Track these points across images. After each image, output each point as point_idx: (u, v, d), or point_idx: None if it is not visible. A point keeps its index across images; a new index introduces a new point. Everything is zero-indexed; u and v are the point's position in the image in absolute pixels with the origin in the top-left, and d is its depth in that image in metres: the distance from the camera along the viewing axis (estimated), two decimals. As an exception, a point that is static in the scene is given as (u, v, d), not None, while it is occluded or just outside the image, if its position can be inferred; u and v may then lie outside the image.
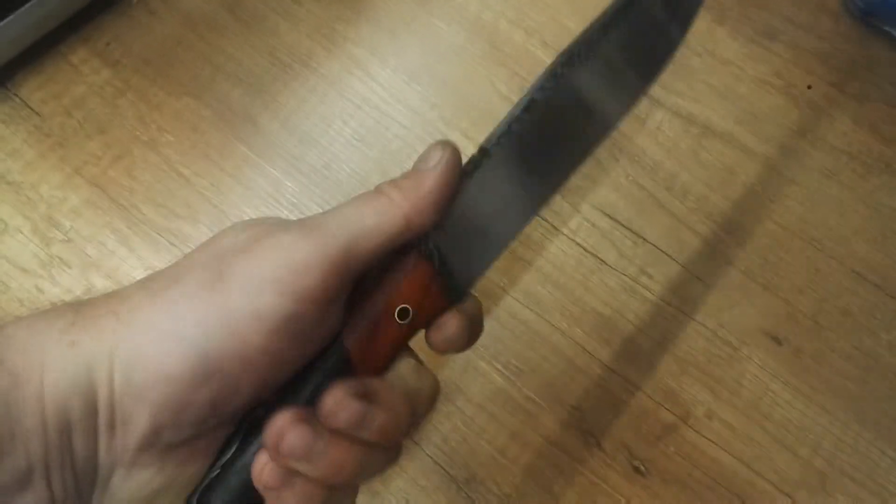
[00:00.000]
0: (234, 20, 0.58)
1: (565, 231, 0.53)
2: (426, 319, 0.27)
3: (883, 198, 0.56)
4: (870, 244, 0.54)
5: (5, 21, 0.51)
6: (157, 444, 0.24)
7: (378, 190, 0.27)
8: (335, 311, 0.26)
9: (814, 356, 0.51)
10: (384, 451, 0.26)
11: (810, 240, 0.54)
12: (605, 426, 0.48)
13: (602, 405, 0.49)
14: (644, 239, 0.53)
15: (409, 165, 0.58)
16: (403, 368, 0.27)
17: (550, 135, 0.28)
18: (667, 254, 0.53)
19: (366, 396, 0.24)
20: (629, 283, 0.52)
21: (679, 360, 0.50)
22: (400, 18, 0.60)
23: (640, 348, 0.50)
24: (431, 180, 0.26)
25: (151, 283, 0.25)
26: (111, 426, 0.24)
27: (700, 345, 0.51)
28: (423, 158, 0.27)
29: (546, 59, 0.59)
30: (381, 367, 0.27)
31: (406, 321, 0.27)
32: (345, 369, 0.26)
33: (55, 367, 0.23)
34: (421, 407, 0.27)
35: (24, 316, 0.24)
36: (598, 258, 0.53)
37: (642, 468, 0.48)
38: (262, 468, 0.24)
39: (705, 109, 0.58)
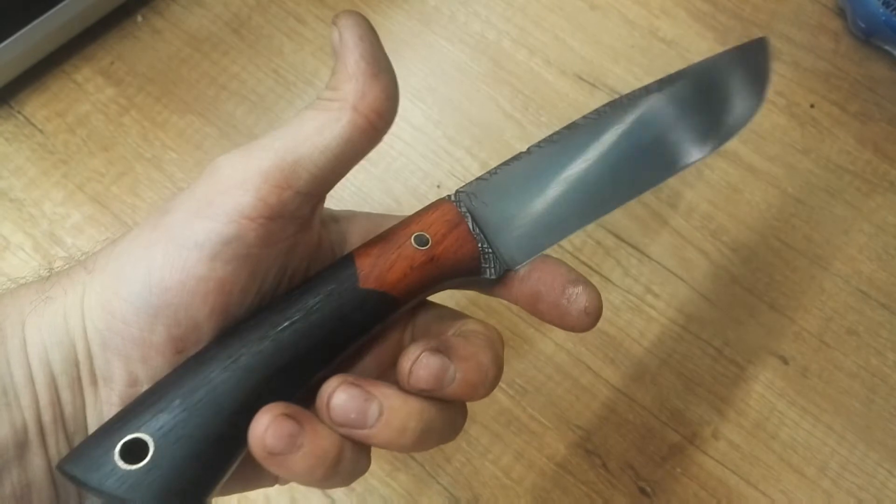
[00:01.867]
0: (238, 40, 0.59)
1: (569, 249, 0.53)
2: (449, 256, 0.26)
3: (887, 216, 0.56)
4: (875, 263, 0.54)
5: (9, 39, 0.51)
6: None
7: (317, 99, 0.25)
8: (287, 230, 0.25)
9: (820, 375, 0.51)
10: (457, 411, 0.26)
11: (815, 258, 0.54)
12: (610, 446, 0.48)
13: (607, 425, 0.49)
14: (649, 257, 0.53)
15: (412, 183, 0.58)
16: (471, 324, 0.27)
17: (608, 152, 0.29)
18: (672, 272, 0.53)
19: (441, 351, 0.24)
20: (634, 302, 0.52)
21: (685, 379, 0.50)
22: (403, 37, 0.60)
23: (646, 367, 0.50)
24: (352, 54, 0.24)
25: (119, 237, 0.25)
26: (93, 379, 0.24)
27: (706, 364, 0.50)
28: (334, 50, 0.25)
29: (549, 77, 0.59)
30: (397, 291, 0.25)
31: (424, 248, 0.26)
32: (351, 284, 0.25)
33: (34, 322, 0.23)
34: (500, 355, 0.26)
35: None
36: (603, 276, 0.52)
37: (648, 489, 0.47)
38: (265, 431, 0.22)
39: (708, 128, 0.58)
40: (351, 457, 0.23)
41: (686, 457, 0.48)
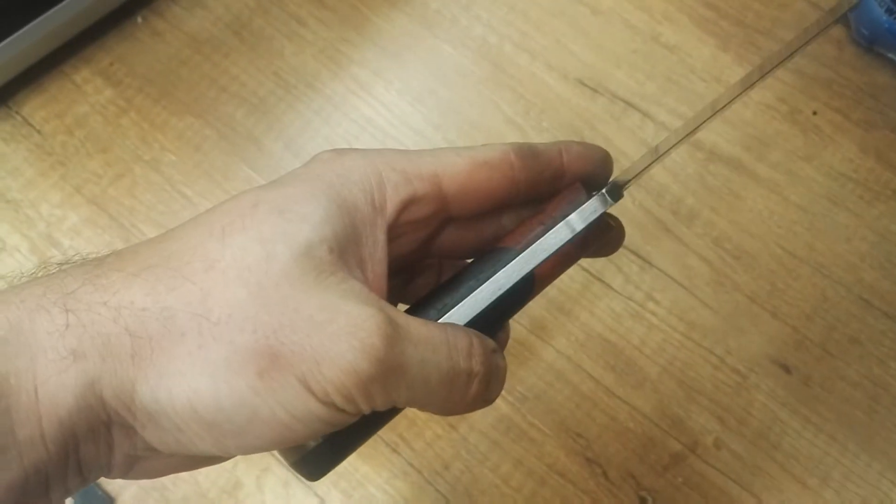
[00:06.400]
0: (239, 42, 0.58)
1: (570, 255, 0.53)
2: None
3: (890, 224, 0.55)
4: (877, 271, 0.54)
5: (8, 40, 0.51)
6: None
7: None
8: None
9: (822, 385, 0.50)
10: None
11: (818, 266, 0.54)
12: (610, 455, 0.48)
13: (608, 433, 0.48)
14: (650, 264, 0.53)
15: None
16: None
17: None
18: (673, 279, 0.52)
19: None
20: (635, 309, 0.51)
21: (686, 387, 0.49)
22: (405, 41, 0.60)
23: (647, 375, 0.50)
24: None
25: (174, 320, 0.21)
26: (129, 433, 0.21)
27: (707, 372, 0.50)
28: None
29: (551, 81, 0.59)
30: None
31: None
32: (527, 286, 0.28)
33: (51, 378, 0.19)
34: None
35: None
36: (604, 283, 0.52)
37: (649, 498, 0.47)
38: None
39: (711, 134, 0.58)
40: None
41: (687, 466, 0.47)
